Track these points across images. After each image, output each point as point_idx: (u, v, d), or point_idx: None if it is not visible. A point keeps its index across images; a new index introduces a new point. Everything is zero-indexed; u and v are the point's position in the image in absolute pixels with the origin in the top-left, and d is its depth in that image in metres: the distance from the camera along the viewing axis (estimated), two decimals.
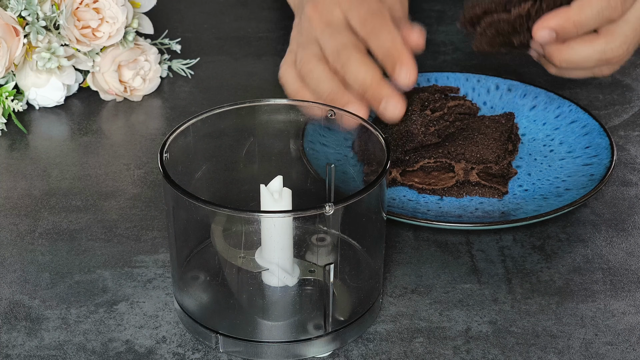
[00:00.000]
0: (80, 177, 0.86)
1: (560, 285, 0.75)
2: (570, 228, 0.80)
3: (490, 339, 0.70)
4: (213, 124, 0.72)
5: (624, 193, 0.84)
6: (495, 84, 0.94)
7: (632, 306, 0.73)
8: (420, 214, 0.80)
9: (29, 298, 0.73)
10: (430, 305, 0.73)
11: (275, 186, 0.68)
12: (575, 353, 0.69)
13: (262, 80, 1.00)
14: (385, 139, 0.69)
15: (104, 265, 0.76)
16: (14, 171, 0.87)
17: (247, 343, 0.67)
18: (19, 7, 0.91)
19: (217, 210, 0.64)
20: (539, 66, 1.04)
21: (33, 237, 0.79)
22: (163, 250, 0.78)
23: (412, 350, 0.69)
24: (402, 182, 0.84)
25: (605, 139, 0.86)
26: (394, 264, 0.76)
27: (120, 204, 0.83)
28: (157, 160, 0.68)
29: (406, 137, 0.82)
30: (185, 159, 0.71)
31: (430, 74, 0.94)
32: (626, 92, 0.99)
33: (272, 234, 0.67)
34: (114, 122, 0.95)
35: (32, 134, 0.92)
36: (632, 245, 0.79)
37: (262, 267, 0.68)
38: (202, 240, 0.72)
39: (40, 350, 0.69)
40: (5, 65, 0.91)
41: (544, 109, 0.91)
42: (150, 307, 0.72)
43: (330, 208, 0.63)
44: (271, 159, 0.76)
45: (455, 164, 0.83)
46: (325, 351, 0.68)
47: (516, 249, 0.78)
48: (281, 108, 0.74)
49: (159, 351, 0.69)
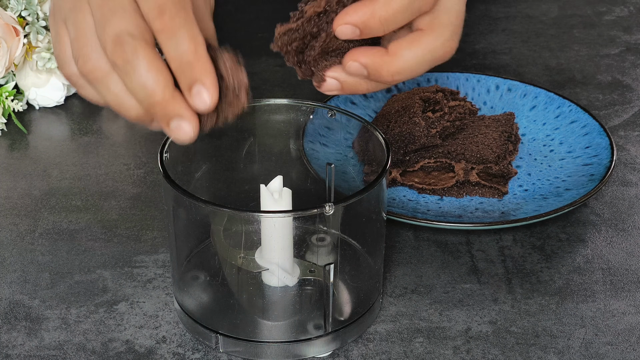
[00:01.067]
0: (80, 177, 0.86)
1: (560, 285, 0.75)
2: (570, 228, 0.80)
3: (490, 339, 0.70)
4: None
5: (624, 193, 0.84)
6: (495, 84, 0.94)
7: (632, 306, 0.73)
8: (420, 214, 0.80)
9: (29, 298, 0.73)
10: (430, 305, 0.73)
11: (275, 186, 0.68)
12: (575, 353, 0.69)
13: (262, 80, 1.00)
14: (386, 139, 0.69)
15: (104, 265, 0.76)
16: (14, 171, 0.87)
17: (247, 343, 0.67)
18: (19, 7, 0.91)
19: (217, 210, 0.64)
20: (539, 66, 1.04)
21: (33, 237, 0.79)
22: (163, 250, 0.78)
23: (412, 350, 0.69)
24: (402, 182, 0.84)
25: (605, 139, 0.86)
26: (394, 264, 0.76)
27: (120, 204, 0.83)
28: (157, 160, 0.68)
29: (408, 139, 0.82)
30: (185, 159, 0.71)
31: (430, 74, 0.94)
32: (626, 92, 0.99)
33: (272, 234, 0.67)
34: (114, 122, 0.95)
35: (32, 134, 0.92)
36: (632, 245, 0.79)
37: (262, 267, 0.68)
38: (202, 240, 0.72)
39: (40, 350, 0.69)
40: (5, 65, 0.91)
41: (544, 109, 0.91)
42: (150, 307, 0.72)
43: (330, 208, 0.63)
44: (271, 159, 0.76)
45: (455, 164, 0.83)
46: (325, 351, 0.68)
47: (516, 249, 0.78)
48: (281, 108, 0.74)
49: (159, 351, 0.69)
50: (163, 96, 0.60)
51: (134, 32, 0.60)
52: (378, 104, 0.92)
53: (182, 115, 0.60)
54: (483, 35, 1.10)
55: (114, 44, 0.60)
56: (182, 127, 0.61)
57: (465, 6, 0.69)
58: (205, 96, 0.60)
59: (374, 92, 0.93)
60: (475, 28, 1.11)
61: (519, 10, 1.16)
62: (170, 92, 0.60)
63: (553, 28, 1.12)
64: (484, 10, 1.15)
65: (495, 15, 1.14)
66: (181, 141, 0.62)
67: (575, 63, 1.05)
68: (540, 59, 1.05)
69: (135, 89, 0.61)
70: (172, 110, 0.61)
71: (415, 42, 0.66)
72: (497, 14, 1.15)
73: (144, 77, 0.60)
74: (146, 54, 0.60)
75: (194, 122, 0.61)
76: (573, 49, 1.08)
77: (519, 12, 1.15)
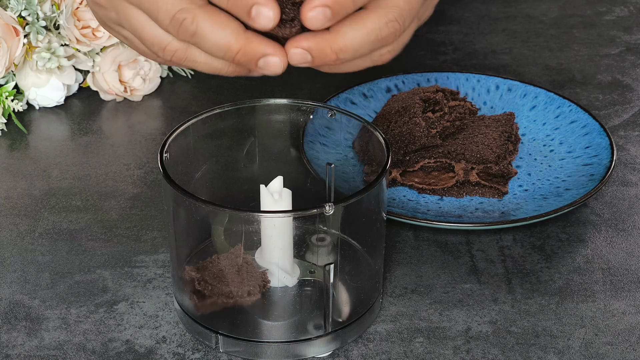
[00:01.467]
0: (80, 177, 0.86)
1: (560, 285, 0.75)
2: (570, 228, 0.80)
3: (490, 339, 0.70)
4: (213, 124, 0.72)
5: (624, 193, 0.84)
6: (495, 84, 0.94)
7: (632, 306, 0.73)
8: (420, 214, 0.80)
9: (29, 298, 0.73)
10: (430, 305, 0.73)
11: (275, 186, 0.68)
12: (575, 353, 0.69)
13: (262, 80, 1.00)
14: (386, 139, 0.69)
15: (104, 265, 0.76)
16: (14, 171, 0.87)
17: (247, 343, 0.67)
18: (19, 7, 0.91)
19: (217, 210, 0.64)
20: (539, 66, 1.04)
21: (33, 237, 0.79)
22: (163, 250, 0.78)
23: (412, 350, 0.69)
24: (402, 182, 0.84)
25: (605, 139, 0.86)
26: (394, 264, 0.76)
27: (120, 204, 0.83)
28: (157, 160, 0.68)
29: (408, 139, 0.82)
30: (185, 159, 0.71)
31: (430, 74, 0.94)
32: (626, 92, 0.99)
33: (272, 234, 0.67)
34: (114, 122, 0.95)
35: (32, 134, 0.92)
36: (632, 245, 0.79)
37: (262, 267, 0.68)
38: (202, 240, 0.72)
39: (40, 350, 0.69)
40: (5, 65, 0.91)
41: (544, 109, 0.91)
42: (150, 307, 0.72)
43: (330, 208, 0.63)
44: (271, 159, 0.76)
45: (455, 164, 0.83)
46: (325, 351, 0.68)
47: (516, 249, 0.78)
48: (281, 108, 0.74)
49: (159, 351, 0.69)
50: (238, 45, 0.62)
51: (183, 5, 0.62)
52: (378, 104, 0.92)
53: (265, 52, 0.62)
54: (483, 35, 1.10)
55: (174, 27, 0.62)
56: (269, 63, 0.63)
57: None
58: (266, 11, 0.61)
59: (374, 92, 0.93)
60: (475, 28, 1.11)
61: (519, 10, 1.16)
62: (244, 38, 0.62)
63: (553, 28, 1.12)
64: (484, 10, 1.15)
65: (495, 15, 1.14)
66: (275, 73, 0.64)
67: (575, 63, 1.05)
68: (540, 59, 1.05)
69: (214, 52, 0.63)
70: (253, 53, 0.62)
71: (358, 20, 0.64)
72: (497, 14, 1.15)
73: (214, 39, 0.62)
74: (204, 18, 0.62)
75: (278, 52, 0.63)
76: (573, 49, 1.08)
77: (519, 12, 1.15)
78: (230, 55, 0.63)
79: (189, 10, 0.62)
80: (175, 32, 0.63)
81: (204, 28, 0.62)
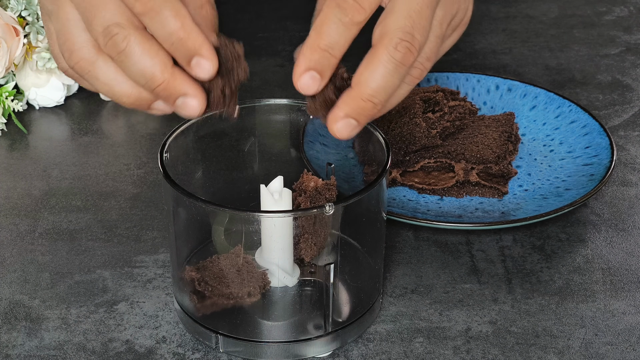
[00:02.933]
0: (80, 177, 0.86)
1: (560, 285, 0.75)
2: (570, 228, 0.80)
3: (490, 339, 0.70)
4: (213, 124, 0.72)
5: (624, 193, 0.84)
6: (495, 84, 0.94)
7: (632, 306, 0.73)
8: (420, 214, 0.80)
9: (29, 298, 0.73)
10: (430, 305, 0.73)
11: (275, 186, 0.68)
12: (575, 353, 0.69)
13: (262, 80, 1.00)
14: (386, 140, 0.69)
15: (104, 265, 0.76)
16: (14, 171, 0.87)
17: (247, 343, 0.67)
18: (19, 7, 0.91)
19: (217, 210, 0.64)
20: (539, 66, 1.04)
21: (33, 237, 0.79)
22: (163, 250, 0.78)
23: (412, 350, 0.69)
24: (402, 182, 0.84)
25: (605, 139, 0.86)
26: (394, 264, 0.76)
27: (120, 204, 0.83)
28: (157, 160, 0.68)
29: (409, 140, 0.82)
30: (185, 159, 0.71)
31: (430, 74, 0.94)
32: (626, 92, 0.99)
33: (272, 234, 0.67)
34: (114, 122, 0.95)
35: (32, 134, 0.92)
36: (632, 245, 0.79)
37: (262, 267, 0.68)
38: (202, 240, 0.72)
39: (40, 350, 0.69)
40: (5, 65, 0.91)
41: (544, 109, 0.91)
42: (150, 307, 0.72)
43: (330, 208, 0.63)
44: (271, 159, 0.76)
45: (455, 164, 0.83)
46: (325, 351, 0.68)
47: (516, 249, 0.78)
48: (281, 108, 0.74)
49: (159, 351, 0.69)
50: (163, 77, 0.61)
51: (120, 21, 0.60)
52: None
53: (186, 92, 0.61)
54: (483, 35, 1.10)
55: (104, 37, 0.60)
56: (188, 104, 0.62)
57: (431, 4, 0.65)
58: (205, 64, 0.61)
59: None
60: (475, 28, 1.11)
61: (519, 10, 1.16)
62: (170, 72, 0.61)
63: (553, 28, 1.12)
64: (484, 10, 1.15)
65: (495, 15, 1.14)
66: (190, 116, 0.62)
67: (575, 63, 1.05)
68: (540, 59, 1.05)
69: (135, 76, 0.61)
70: (175, 89, 0.61)
71: (370, 61, 0.63)
72: (497, 14, 1.15)
73: (141, 64, 0.60)
74: (137, 40, 0.60)
75: (199, 95, 0.62)
76: (573, 49, 1.08)
77: (519, 12, 1.15)
78: (151, 85, 0.61)
79: (124, 27, 0.60)
80: (103, 43, 0.61)
81: (133, 49, 0.60)
